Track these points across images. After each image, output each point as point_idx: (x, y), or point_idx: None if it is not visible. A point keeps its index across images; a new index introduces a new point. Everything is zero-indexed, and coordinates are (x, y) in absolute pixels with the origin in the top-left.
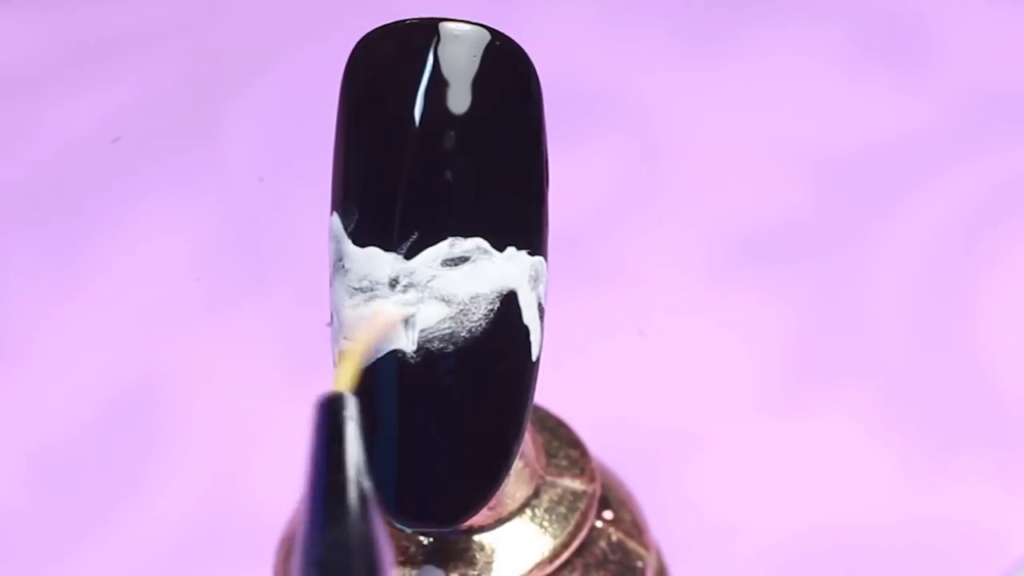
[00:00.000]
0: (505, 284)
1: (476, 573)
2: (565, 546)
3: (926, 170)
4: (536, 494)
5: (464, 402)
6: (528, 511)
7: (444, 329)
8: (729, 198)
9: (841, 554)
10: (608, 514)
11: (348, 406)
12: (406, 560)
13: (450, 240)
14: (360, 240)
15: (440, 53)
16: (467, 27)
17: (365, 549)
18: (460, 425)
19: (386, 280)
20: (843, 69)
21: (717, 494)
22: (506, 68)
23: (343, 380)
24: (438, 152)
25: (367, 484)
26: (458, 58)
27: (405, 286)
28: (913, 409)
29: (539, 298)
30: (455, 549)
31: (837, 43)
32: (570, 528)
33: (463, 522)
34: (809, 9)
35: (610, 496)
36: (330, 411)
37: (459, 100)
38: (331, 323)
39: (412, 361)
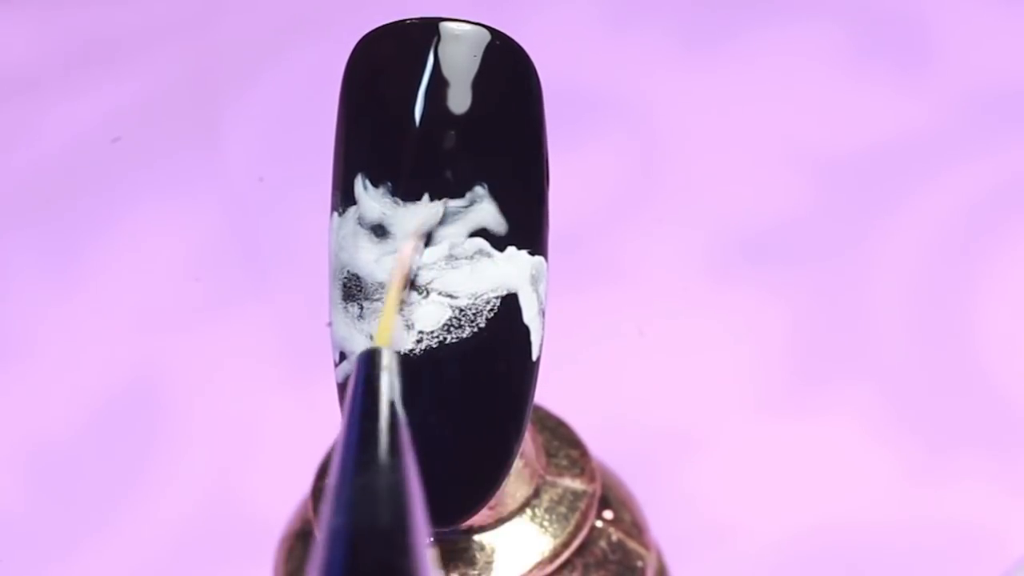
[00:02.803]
0: (506, 284)
1: (476, 573)
2: (565, 546)
3: (926, 170)
4: (536, 494)
5: (464, 402)
6: (528, 511)
7: (445, 329)
8: (729, 198)
9: (841, 554)
10: (608, 514)
11: (384, 359)
12: None
13: (450, 240)
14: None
15: (440, 53)
16: (467, 27)
17: (394, 495)
18: (460, 425)
19: (390, 279)
20: (843, 69)
21: (717, 494)
22: (506, 68)
23: (382, 335)
24: (438, 152)
25: (401, 434)
26: (458, 58)
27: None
28: (913, 409)
29: (540, 298)
30: (455, 549)
31: (837, 43)
32: (570, 528)
33: (463, 522)
34: (809, 9)
35: (610, 496)
36: (368, 363)
37: (459, 100)
38: (330, 324)
39: (412, 360)
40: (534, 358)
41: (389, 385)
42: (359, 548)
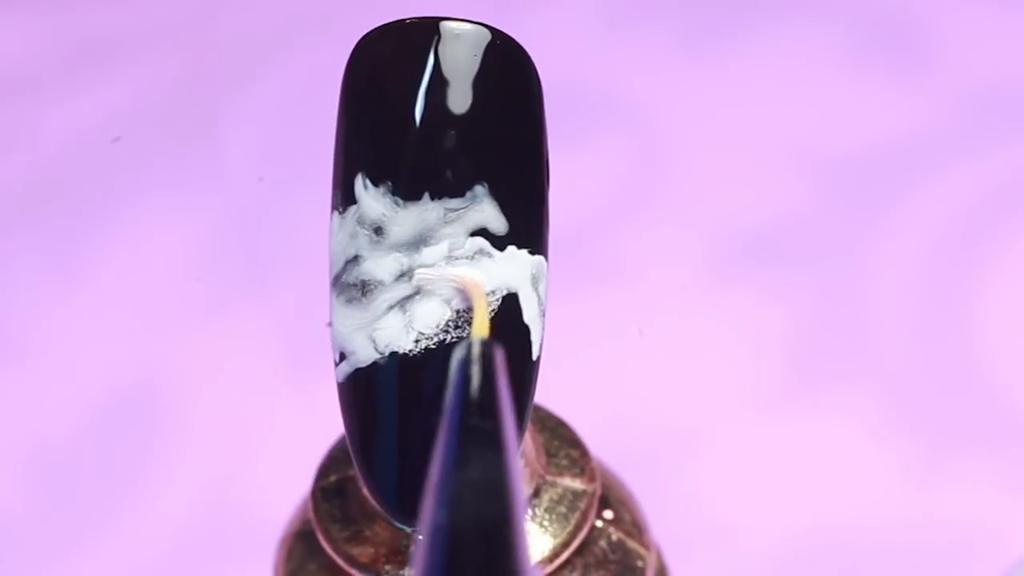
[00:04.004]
0: (506, 284)
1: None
2: (565, 545)
3: (926, 170)
4: (536, 494)
5: None
6: (528, 511)
7: (444, 329)
8: (729, 198)
9: (841, 554)
10: (608, 514)
11: (482, 350)
12: (406, 560)
13: (450, 240)
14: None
15: (440, 52)
16: (468, 26)
17: (497, 490)
18: None
19: (391, 277)
20: (843, 69)
21: (717, 494)
22: (507, 67)
23: (479, 328)
24: (438, 151)
25: (503, 427)
26: (459, 57)
27: (409, 284)
28: (913, 409)
29: (540, 298)
30: None
31: (837, 43)
32: (570, 528)
33: None
34: (809, 9)
35: (610, 496)
36: (467, 356)
37: (459, 99)
38: (330, 324)
39: (413, 360)
40: (534, 358)
41: (483, 377)
42: (462, 544)
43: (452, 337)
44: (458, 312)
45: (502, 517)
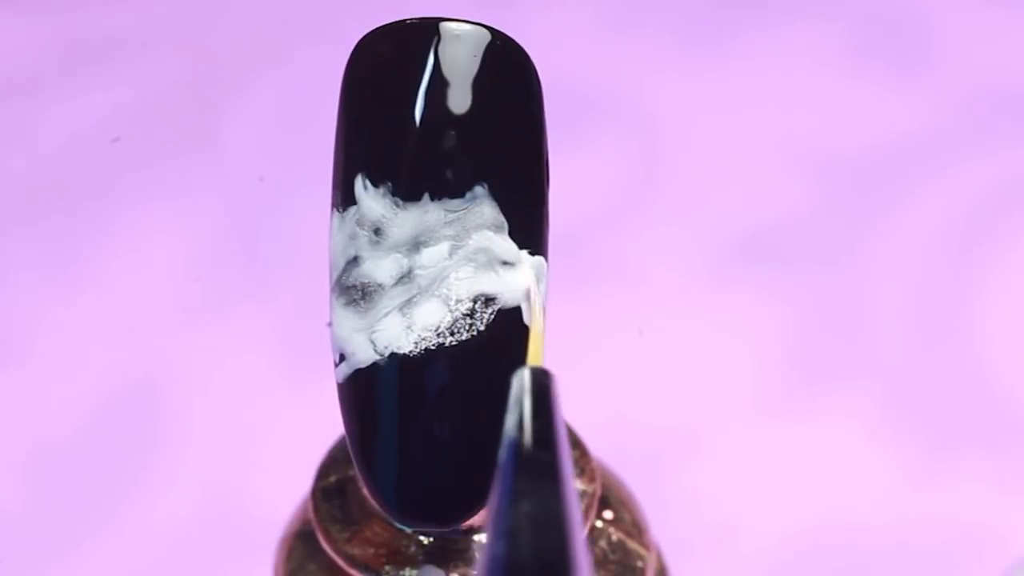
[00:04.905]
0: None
1: (476, 573)
2: None
3: (926, 170)
4: None
5: (464, 402)
6: None
7: (444, 329)
8: (729, 198)
9: (841, 554)
10: (608, 514)
11: (537, 380)
12: (406, 560)
13: (450, 241)
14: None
15: (440, 53)
16: (468, 27)
17: (555, 523)
18: (460, 425)
19: (390, 279)
20: (843, 69)
21: (717, 494)
22: (507, 68)
23: (533, 356)
24: (438, 152)
25: (560, 460)
26: (458, 58)
27: (408, 285)
28: (913, 409)
29: (540, 298)
30: (455, 549)
31: (837, 43)
32: None
33: (463, 522)
34: (809, 9)
35: (610, 496)
36: (522, 385)
37: (459, 100)
38: (330, 324)
39: (412, 361)
40: None
41: (535, 407)
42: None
43: (452, 338)
44: (458, 312)
45: (560, 549)
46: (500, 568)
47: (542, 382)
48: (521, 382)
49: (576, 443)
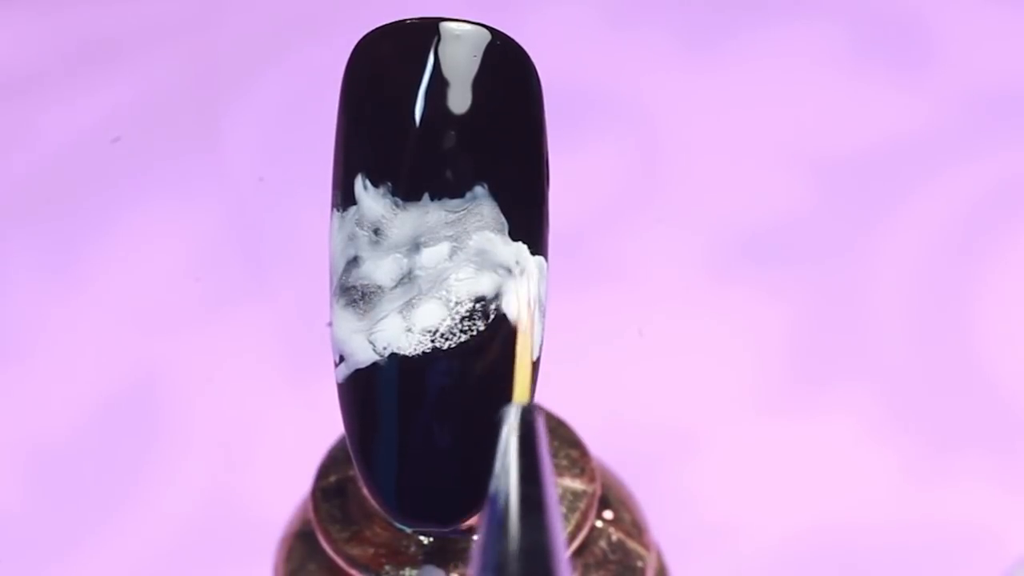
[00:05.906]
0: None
1: None
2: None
3: (926, 170)
4: None
5: (464, 402)
6: None
7: (444, 330)
8: (729, 198)
9: (841, 554)
10: (608, 514)
11: (522, 418)
12: (406, 560)
13: (450, 241)
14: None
15: (440, 53)
16: (468, 27)
17: (540, 553)
18: (460, 425)
19: (390, 280)
20: (843, 69)
21: (717, 494)
22: (507, 68)
23: (520, 393)
24: (438, 152)
25: (545, 493)
26: (458, 58)
27: (408, 285)
28: (912, 409)
29: (539, 298)
30: (455, 549)
31: (837, 43)
32: (570, 528)
33: (463, 522)
34: (809, 9)
35: (610, 496)
36: (508, 423)
37: (459, 100)
38: (330, 324)
39: (412, 361)
40: (534, 358)
41: (520, 443)
42: None
43: (452, 339)
44: (458, 312)
45: None
46: None
47: (528, 420)
48: (509, 420)
49: (576, 443)
